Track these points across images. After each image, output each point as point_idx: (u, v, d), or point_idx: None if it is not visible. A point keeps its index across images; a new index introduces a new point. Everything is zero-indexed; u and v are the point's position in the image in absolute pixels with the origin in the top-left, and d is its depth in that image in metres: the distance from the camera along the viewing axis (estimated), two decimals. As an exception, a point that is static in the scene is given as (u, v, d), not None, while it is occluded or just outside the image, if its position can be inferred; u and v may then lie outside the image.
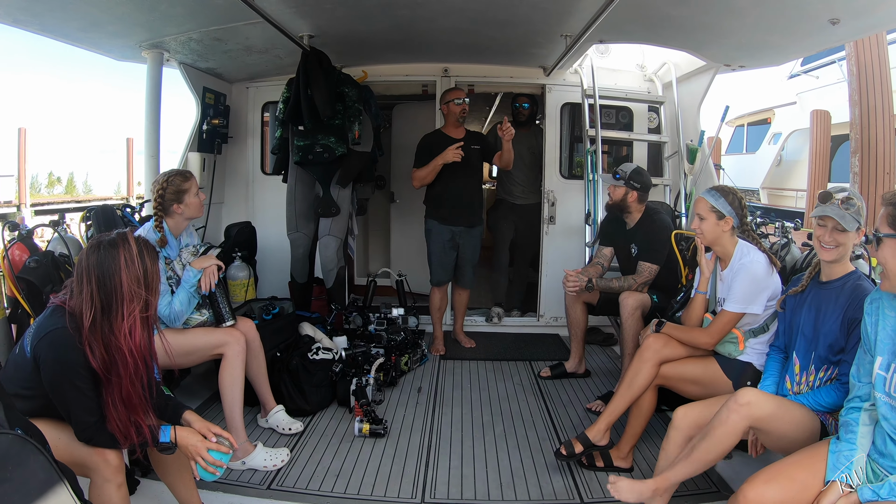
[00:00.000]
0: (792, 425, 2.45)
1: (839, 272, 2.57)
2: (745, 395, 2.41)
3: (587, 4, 3.71)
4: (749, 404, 2.39)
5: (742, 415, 2.39)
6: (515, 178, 6.19)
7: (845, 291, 2.51)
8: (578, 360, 4.76)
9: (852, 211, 2.46)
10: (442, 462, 3.44)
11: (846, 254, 2.55)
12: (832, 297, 2.55)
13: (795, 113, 16.25)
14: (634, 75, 6.10)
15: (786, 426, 2.45)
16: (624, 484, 2.66)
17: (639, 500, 2.63)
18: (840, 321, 2.50)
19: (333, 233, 5.03)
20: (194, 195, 3.42)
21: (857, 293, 2.46)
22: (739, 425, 2.40)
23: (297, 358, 4.04)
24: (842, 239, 2.49)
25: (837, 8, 3.42)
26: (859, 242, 2.51)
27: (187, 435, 2.32)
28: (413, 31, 4.66)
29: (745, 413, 2.38)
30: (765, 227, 4.43)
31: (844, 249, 2.53)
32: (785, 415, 2.45)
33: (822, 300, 2.60)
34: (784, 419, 2.44)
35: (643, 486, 2.62)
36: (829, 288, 2.57)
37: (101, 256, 2.17)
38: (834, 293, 2.55)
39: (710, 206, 3.12)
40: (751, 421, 2.39)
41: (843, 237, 2.49)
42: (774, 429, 2.45)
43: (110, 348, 2.16)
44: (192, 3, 3.83)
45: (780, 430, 2.45)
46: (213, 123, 5.39)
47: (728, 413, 2.41)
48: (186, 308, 3.32)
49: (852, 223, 2.45)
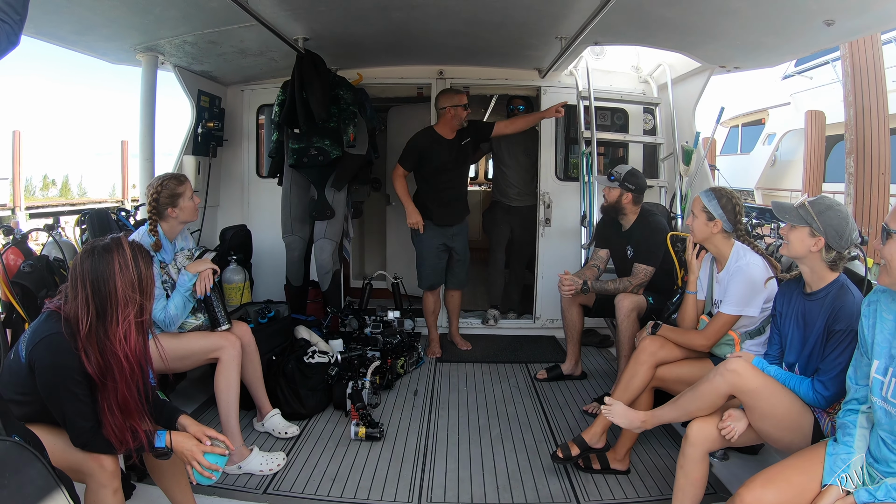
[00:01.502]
0: (779, 408, 2.48)
1: (822, 283, 2.54)
2: (734, 363, 2.54)
3: (582, 6, 3.72)
4: (735, 372, 2.50)
5: (727, 379, 2.51)
6: (511, 180, 6.20)
7: (826, 302, 2.49)
8: (574, 362, 4.76)
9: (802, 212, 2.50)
10: (438, 465, 3.44)
11: (799, 255, 2.54)
12: (816, 311, 2.54)
13: (789, 113, 16.30)
14: (629, 77, 6.11)
15: (771, 407, 2.48)
16: (619, 408, 3.01)
17: (627, 426, 3.01)
18: (821, 333, 2.51)
19: (329, 236, 5.03)
20: (189, 199, 3.41)
21: (837, 303, 2.45)
22: (722, 388, 2.52)
23: (293, 361, 4.03)
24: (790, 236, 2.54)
25: (832, 9, 3.43)
26: (816, 250, 2.49)
27: (183, 439, 2.31)
28: (408, 33, 4.66)
29: (730, 379, 2.50)
30: (760, 227, 4.44)
31: (793, 249, 2.54)
32: (771, 396, 2.48)
33: (807, 313, 2.59)
34: (770, 400, 2.48)
35: (635, 415, 2.98)
36: (814, 300, 2.55)
37: (95, 261, 2.16)
38: (818, 306, 2.53)
39: (703, 206, 3.15)
40: (733, 388, 2.51)
41: (791, 234, 2.52)
42: (759, 406, 2.48)
43: (105, 353, 2.15)
44: (186, 7, 3.82)
45: (764, 408, 2.48)
46: (208, 126, 5.40)
47: (715, 374, 2.56)
48: (181, 312, 3.31)
49: (798, 220, 2.48)
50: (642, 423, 2.95)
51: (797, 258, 2.58)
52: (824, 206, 2.46)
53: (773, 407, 2.48)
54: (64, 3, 3.57)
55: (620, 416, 2.99)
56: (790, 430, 2.49)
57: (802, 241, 2.48)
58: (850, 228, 2.43)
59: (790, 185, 15.63)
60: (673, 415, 2.81)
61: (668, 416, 2.85)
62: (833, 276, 2.51)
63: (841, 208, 2.47)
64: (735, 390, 2.50)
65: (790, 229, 2.52)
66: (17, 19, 1.79)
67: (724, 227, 3.13)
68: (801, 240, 2.49)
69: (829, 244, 2.44)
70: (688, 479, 2.59)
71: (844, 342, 2.39)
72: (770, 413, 2.49)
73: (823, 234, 2.43)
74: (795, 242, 2.51)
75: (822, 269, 2.51)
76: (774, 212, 2.67)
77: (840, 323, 2.41)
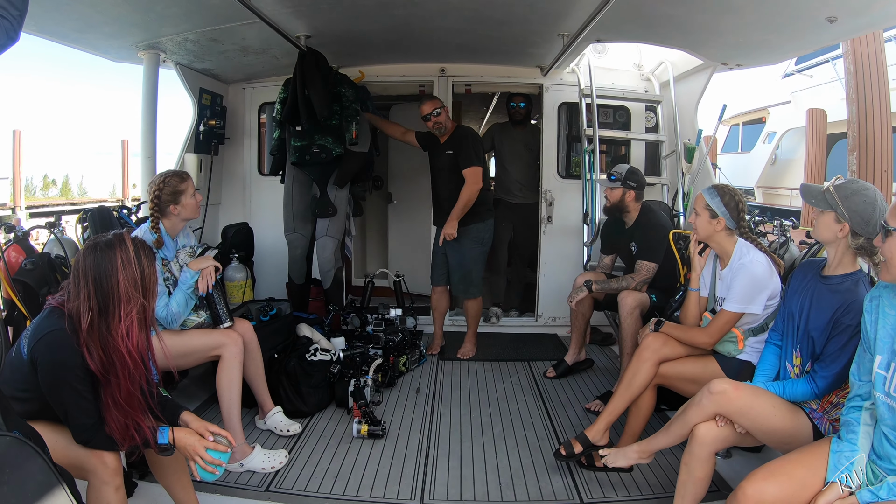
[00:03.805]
0: (772, 420, 2.48)
1: (841, 269, 2.53)
2: (718, 385, 2.53)
3: (584, 4, 3.71)
4: (722, 394, 2.51)
5: (712, 401, 2.52)
6: (514, 178, 6.20)
7: (840, 291, 2.48)
8: (578, 349, 4.77)
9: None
10: (441, 463, 3.43)
11: (827, 240, 2.54)
12: (826, 293, 2.53)
13: (790, 112, 16.31)
14: (631, 74, 6.10)
15: (765, 419, 2.49)
16: (613, 453, 3.12)
17: (627, 463, 3.10)
18: (827, 320, 2.49)
19: (331, 233, 5.02)
20: (191, 196, 3.41)
21: (850, 297, 2.43)
22: (709, 409, 2.54)
23: (295, 359, 4.02)
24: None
25: (835, 6, 3.42)
26: (843, 235, 2.47)
27: (185, 435, 2.31)
28: (409, 30, 4.65)
29: (715, 401, 2.52)
30: (762, 225, 4.43)
31: (820, 234, 2.55)
32: (762, 411, 2.49)
33: (817, 293, 2.58)
34: (762, 414, 2.48)
35: (628, 452, 3.07)
36: (828, 283, 2.54)
37: (97, 258, 2.15)
38: (829, 289, 2.53)
39: (705, 204, 3.14)
40: (720, 410, 2.52)
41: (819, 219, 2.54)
42: (751, 423, 2.49)
43: (108, 349, 2.14)
44: (188, 4, 3.82)
45: (757, 423, 2.49)
46: (209, 124, 5.39)
47: (701, 397, 2.58)
48: (183, 309, 3.31)
49: (823, 205, 2.48)
50: (638, 458, 3.05)
51: (825, 242, 2.57)
52: (850, 191, 2.42)
53: (767, 419, 2.49)
54: (66, 1, 3.56)
55: (619, 457, 3.10)
56: (787, 437, 2.49)
57: (828, 226, 2.48)
58: (877, 213, 2.37)
59: (790, 184, 15.65)
60: (665, 441, 2.88)
61: (660, 444, 2.92)
62: (854, 267, 2.51)
63: (868, 192, 2.41)
64: (723, 411, 2.51)
65: (818, 214, 2.51)
66: (16, 14, 1.77)
67: (728, 225, 3.11)
68: (827, 225, 2.48)
69: (855, 230, 2.41)
70: (691, 477, 2.57)
71: (850, 336, 2.38)
72: (764, 426, 2.50)
73: (848, 220, 2.41)
74: (821, 227, 2.51)
75: (848, 255, 2.50)
76: (801, 195, 2.65)
77: (849, 317, 2.40)
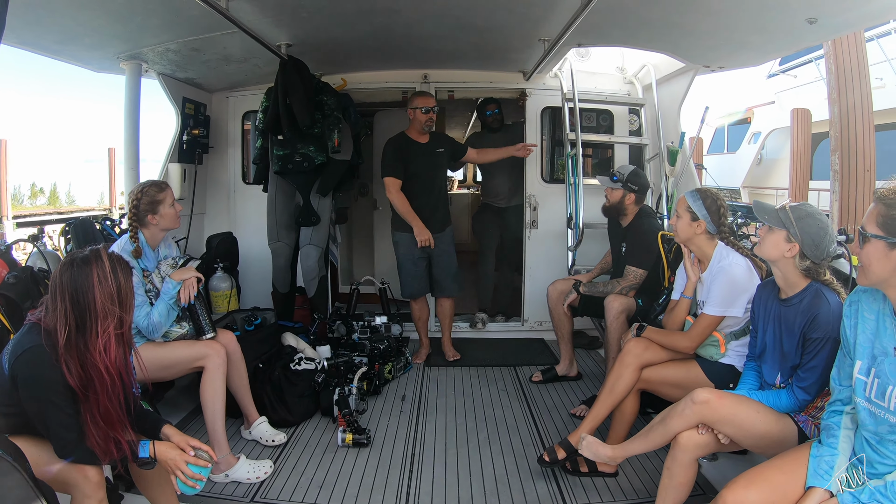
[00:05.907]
0: (758, 426, 2.48)
1: (793, 288, 2.55)
2: (701, 395, 2.51)
3: (563, 9, 3.72)
4: (705, 403, 2.49)
5: (695, 411, 2.51)
6: (499, 181, 6.21)
7: (801, 310, 2.50)
8: (569, 362, 4.78)
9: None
10: (426, 471, 3.44)
11: (772, 257, 2.56)
12: (790, 315, 2.54)
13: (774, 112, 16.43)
14: (614, 78, 6.12)
15: (750, 426, 2.48)
16: (588, 441, 3.08)
17: (596, 459, 3.10)
18: (797, 341, 2.51)
19: (314, 242, 5.02)
20: (170, 206, 3.41)
21: (812, 310, 2.45)
22: (692, 419, 2.52)
23: (280, 369, 4.02)
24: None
25: (815, 7, 3.44)
26: (790, 255, 2.49)
27: (166, 449, 2.32)
28: (391, 37, 4.65)
29: (698, 410, 2.50)
30: (746, 227, 4.45)
31: (766, 251, 2.57)
32: (746, 418, 2.48)
33: (783, 316, 2.59)
34: (746, 421, 2.48)
35: (604, 449, 3.02)
36: (789, 305, 2.56)
37: (74, 274, 2.16)
38: (792, 312, 2.54)
39: (687, 206, 3.16)
40: (703, 419, 2.51)
41: (767, 236, 2.55)
42: (735, 431, 2.48)
43: (86, 365, 2.15)
44: (167, 15, 3.81)
45: (741, 430, 2.48)
46: (193, 134, 5.37)
47: (684, 407, 2.55)
48: (165, 320, 3.30)
49: (776, 223, 2.51)
50: (610, 458, 3.02)
51: (769, 260, 2.60)
52: (805, 213, 2.46)
53: (752, 426, 2.48)
54: (46, 13, 3.56)
55: (590, 449, 3.06)
56: (773, 443, 2.47)
57: (777, 244, 2.50)
58: (827, 240, 2.44)
59: (776, 184, 15.78)
60: (642, 447, 2.83)
61: (637, 449, 2.89)
62: (805, 282, 2.52)
63: (822, 219, 2.47)
64: (706, 420, 2.50)
65: (767, 231, 2.53)
66: None
67: (708, 228, 3.13)
68: (776, 243, 2.50)
69: (804, 252, 2.45)
70: (672, 482, 2.58)
71: (822, 349, 2.40)
72: (749, 433, 2.49)
73: (799, 241, 2.44)
74: (769, 244, 2.53)
75: (795, 275, 2.52)
76: (754, 211, 2.68)
77: (817, 331, 2.42)
